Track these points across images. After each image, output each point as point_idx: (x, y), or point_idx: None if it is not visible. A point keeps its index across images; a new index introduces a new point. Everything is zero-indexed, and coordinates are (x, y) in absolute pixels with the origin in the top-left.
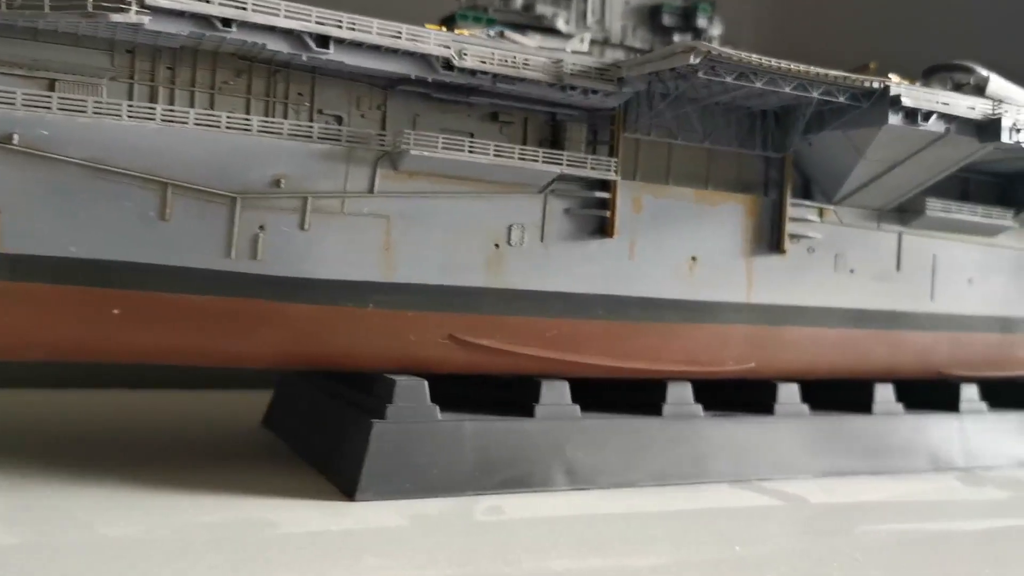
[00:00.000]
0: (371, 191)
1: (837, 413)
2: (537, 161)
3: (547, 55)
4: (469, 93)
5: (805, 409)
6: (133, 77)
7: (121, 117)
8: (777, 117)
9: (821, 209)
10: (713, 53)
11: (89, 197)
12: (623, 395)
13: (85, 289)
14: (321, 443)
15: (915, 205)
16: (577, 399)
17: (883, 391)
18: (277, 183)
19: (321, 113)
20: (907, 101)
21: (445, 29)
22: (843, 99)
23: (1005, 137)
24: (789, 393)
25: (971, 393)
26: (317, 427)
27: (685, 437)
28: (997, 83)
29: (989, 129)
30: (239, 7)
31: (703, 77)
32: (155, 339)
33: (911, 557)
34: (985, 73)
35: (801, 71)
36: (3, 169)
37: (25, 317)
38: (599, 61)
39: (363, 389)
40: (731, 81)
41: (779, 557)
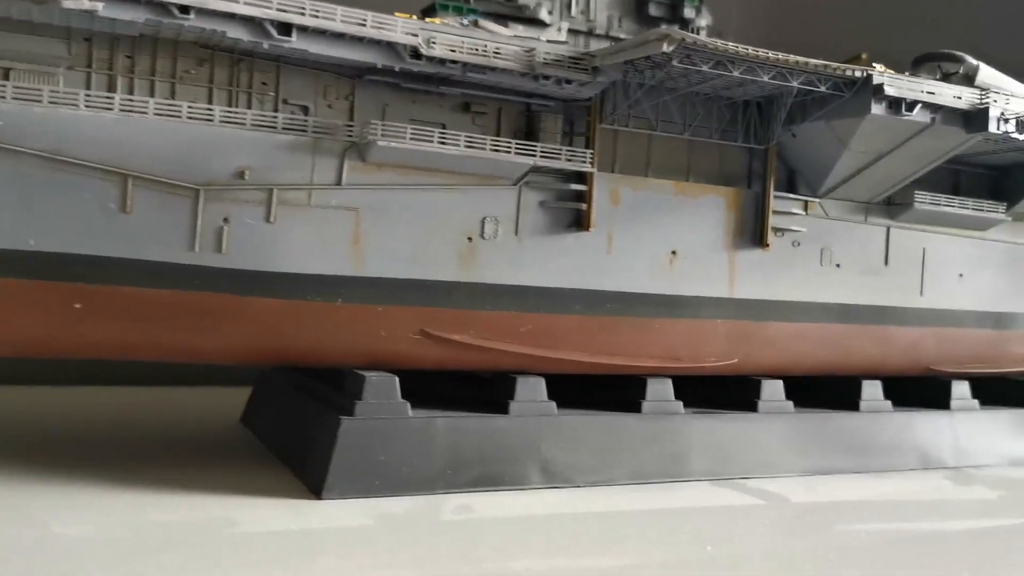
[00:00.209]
0: (339, 183)
1: (823, 410)
2: (509, 152)
3: (519, 44)
4: (440, 83)
5: (789, 406)
6: (91, 66)
7: (78, 107)
8: (760, 108)
9: (806, 202)
10: (687, 41)
11: (48, 189)
12: (603, 392)
13: (45, 283)
14: (292, 440)
15: (903, 198)
16: (555, 396)
17: (870, 388)
18: (241, 175)
19: (286, 103)
20: (890, 90)
21: (428, 19)
22: (824, 88)
23: (992, 127)
24: (773, 390)
25: (962, 390)
26: (289, 424)
27: (665, 434)
28: (986, 72)
29: (976, 119)
30: None
31: (678, 66)
32: (118, 334)
33: (887, 557)
34: (974, 62)
35: (779, 59)
36: None
37: None
38: (573, 50)
39: (335, 385)
40: (708, 70)
41: (751, 557)
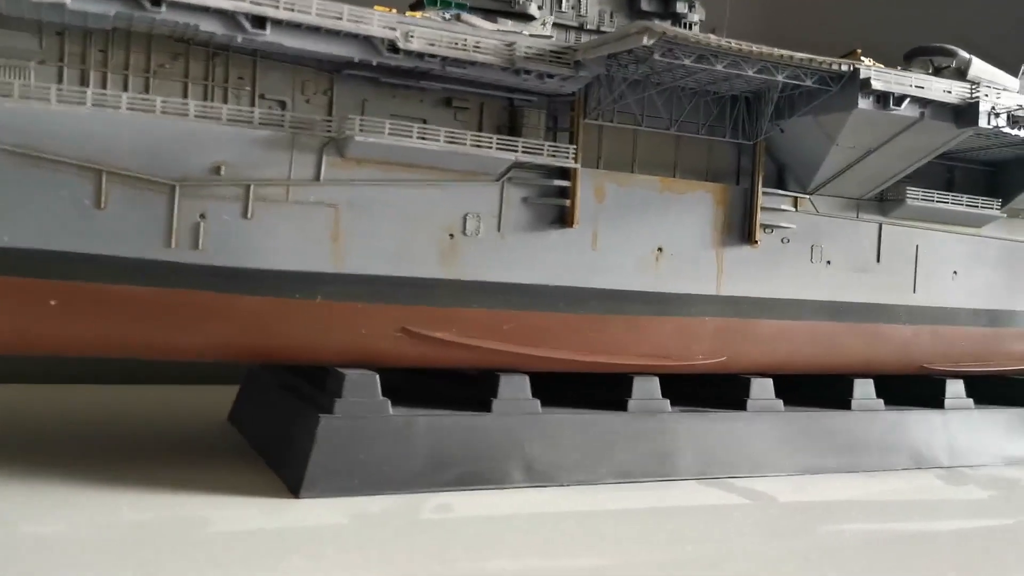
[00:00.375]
0: (317, 179)
1: (813, 409)
2: (491, 148)
3: (500, 38)
4: (420, 78)
5: (779, 405)
6: (63, 60)
7: (50, 101)
8: (748, 103)
9: (796, 198)
10: (668, 34)
11: (20, 185)
12: (590, 390)
13: (20, 280)
14: (274, 439)
15: (896, 194)
16: (543, 394)
17: (862, 386)
18: (217, 170)
19: (263, 98)
20: (877, 84)
21: (411, 14)
22: (810, 82)
23: (983, 122)
24: (762, 388)
25: (957, 389)
26: (272, 422)
27: (651, 433)
28: (979, 66)
29: (967, 114)
30: None
31: (660, 59)
32: (94, 331)
33: (870, 558)
34: (967, 56)
35: (764, 53)
36: None
37: None
38: (554, 44)
39: (318, 383)
40: (690, 64)
41: (731, 557)
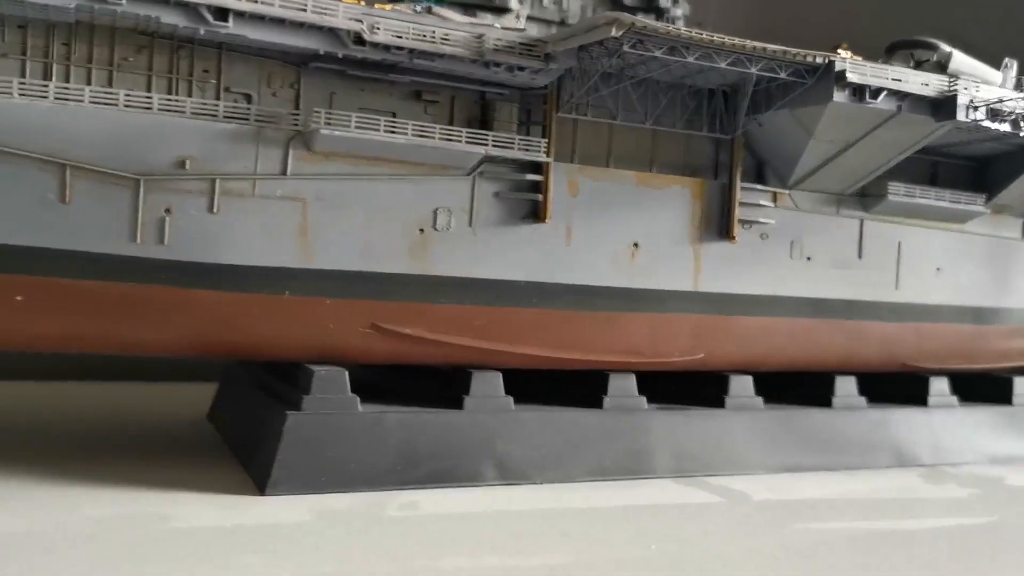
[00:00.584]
0: (284, 173)
1: (793, 407)
2: (459, 141)
3: (470, 30)
4: (389, 70)
5: (759, 402)
6: (25, 54)
7: (12, 95)
8: (726, 96)
9: (775, 193)
10: (637, 25)
11: None
12: (567, 387)
13: None
14: (245, 436)
15: (877, 189)
16: (517, 391)
17: (844, 384)
18: (182, 164)
19: (229, 91)
20: (852, 77)
21: (380, 6)
22: (785, 75)
23: (961, 115)
24: (741, 385)
25: (941, 387)
26: (244, 420)
27: (627, 431)
28: (960, 59)
29: (944, 107)
30: None
31: (631, 51)
32: (61, 327)
33: (836, 557)
34: (948, 49)
35: (736, 45)
36: None
37: None
38: (525, 36)
39: (290, 380)
40: (661, 56)
41: (693, 557)
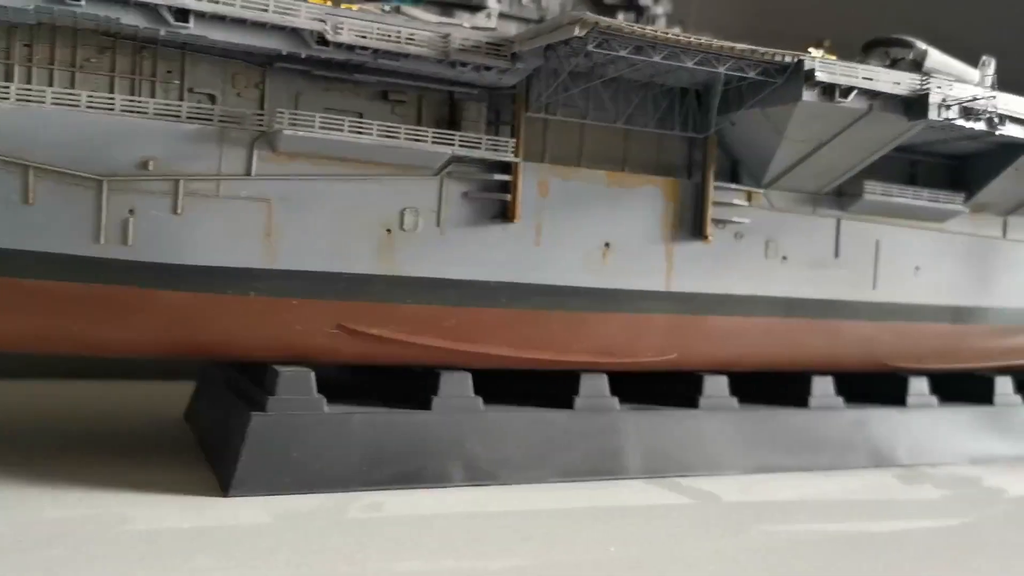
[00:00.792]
0: (248, 174)
1: (769, 407)
2: (425, 141)
3: (436, 30)
4: (354, 70)
5: (733, 402)
6: None
7: None
8: (699, 96)
9: (750, 193)
10: (601, 24)
11: None
12: (538, 388)
13: None
14: (214, 436)
15: (853, 188)
16: (489, 392)
17: (821, 384)
18: (145, 165)
19: (192, 92)
20: (822, 76)
21: (345, 5)
22: (754, 74)
23: (933, 114)
24: (715, 385)
25: (920, 386)
26: (214, 420)
27: (598, 431)
28: (935, 58)
29: (917, 106)
30: None
31: (596, 51)
32: (24, 327)
33: (798, 559)
34: (924, 47)
35: (703, 44)
36: None
37: None
38: (492, 35)
39: (258, 380)
40: (626, 55)
41: (653, 559)
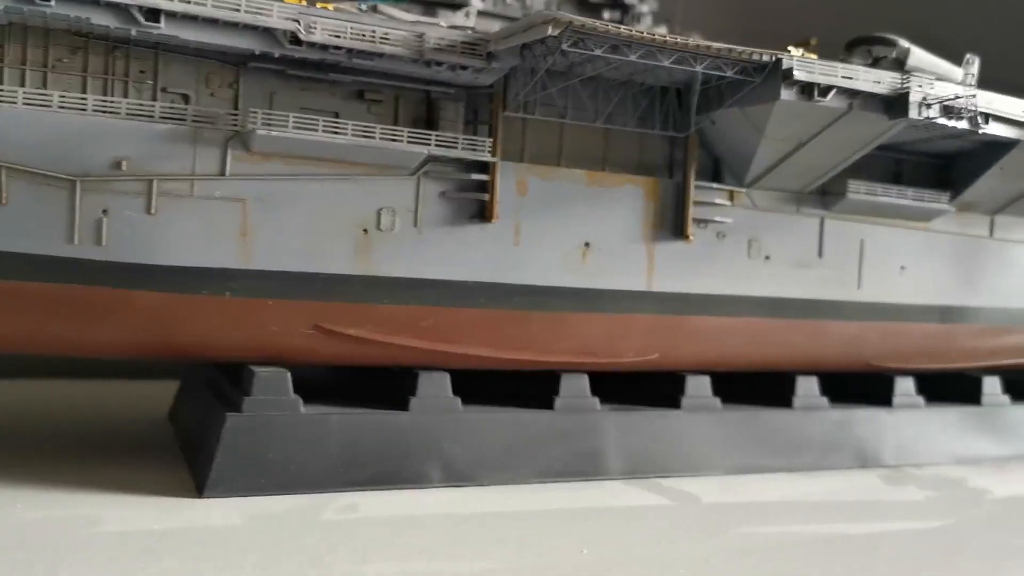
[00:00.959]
0: (223, 173)
1: (752, 407)
2: (400, 141)
3: (411, 29)
4: (329, 70)
5: (716, 403)
6: None
7: None
8: (679, 95)
9: (732, 192)
10: (575, 24)
11: None
12: (520, 389)
13: None
14: (191, 437)
15: (837, 188)
16: (469, 392)
17: (805, 384)
18: (119, 165)
19: (166, 91)
20: (800, 75)
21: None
22: (731, 73)
23: (913, 113)
24: (698, 386)
25: (906, 386)
26: (192, 420)
27: (579, 432)
28: (918, 56)
29: (897, 104)
30: None
31: (571, 50)
32: None
33: (773, 561)
34: (906, 45)
35: (679, 43)
36: None
37: None
38: (467, 35)
39: (235, 381)
40: (603, 55)
41: (625, 562)
